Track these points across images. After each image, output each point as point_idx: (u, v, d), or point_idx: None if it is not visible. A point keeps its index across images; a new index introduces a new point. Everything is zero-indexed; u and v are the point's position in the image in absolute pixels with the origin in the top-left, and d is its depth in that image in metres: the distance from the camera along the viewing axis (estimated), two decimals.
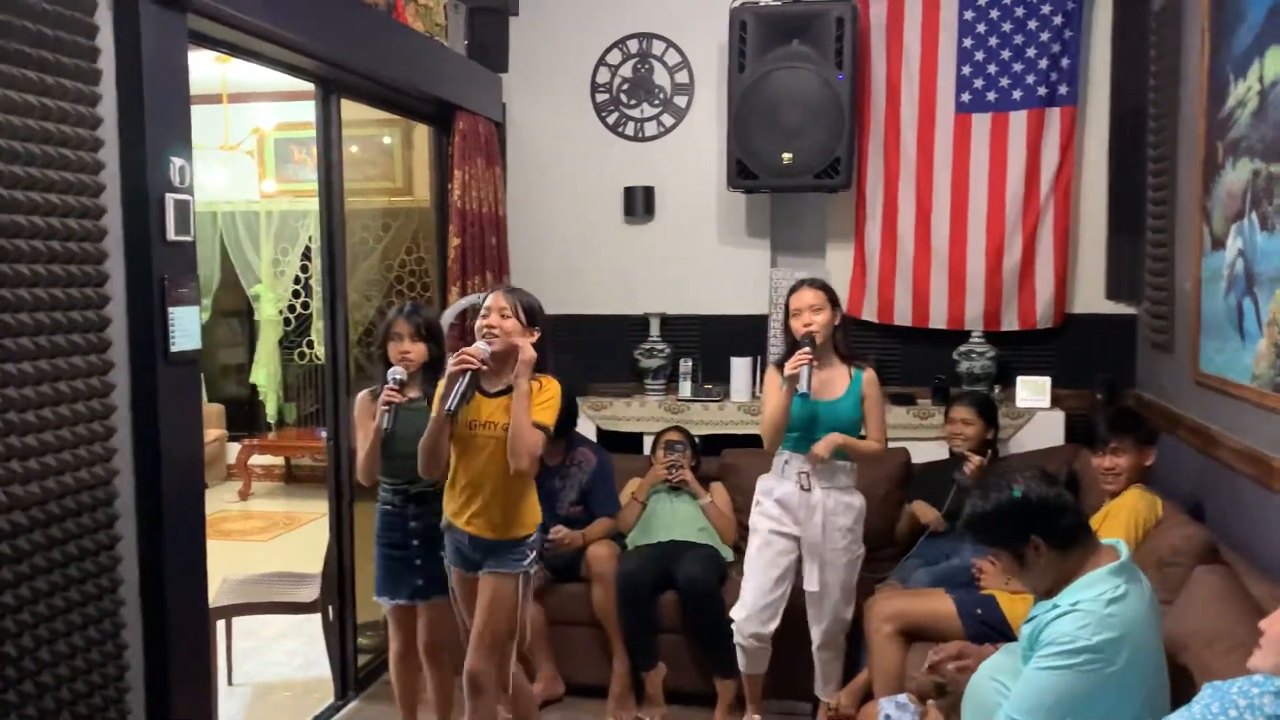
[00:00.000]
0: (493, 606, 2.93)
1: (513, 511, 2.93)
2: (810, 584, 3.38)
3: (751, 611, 3.39)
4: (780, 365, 3.32)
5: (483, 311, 2.93)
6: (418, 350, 3.14)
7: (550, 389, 2.94)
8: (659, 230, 4.89)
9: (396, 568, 3.19)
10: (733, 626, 3.44)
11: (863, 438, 3.39)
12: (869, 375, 3.37)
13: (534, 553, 2.99)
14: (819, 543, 3.34)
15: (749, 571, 3.43)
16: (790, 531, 3.36)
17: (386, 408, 3.03)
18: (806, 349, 3.22)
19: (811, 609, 3.42)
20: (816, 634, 3.44)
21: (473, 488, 2.91)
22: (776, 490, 3.39)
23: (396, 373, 3.07)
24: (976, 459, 3.67)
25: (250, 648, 4.34)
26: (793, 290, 3.36)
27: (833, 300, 3.34)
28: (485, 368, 2.81)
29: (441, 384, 2.85)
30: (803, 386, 3.17)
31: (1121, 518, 3.04)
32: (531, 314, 2.96)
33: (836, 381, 3.35)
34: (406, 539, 3.18)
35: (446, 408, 2.77)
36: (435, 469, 2.93)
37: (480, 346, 2.83)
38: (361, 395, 3.24)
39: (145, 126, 2.59)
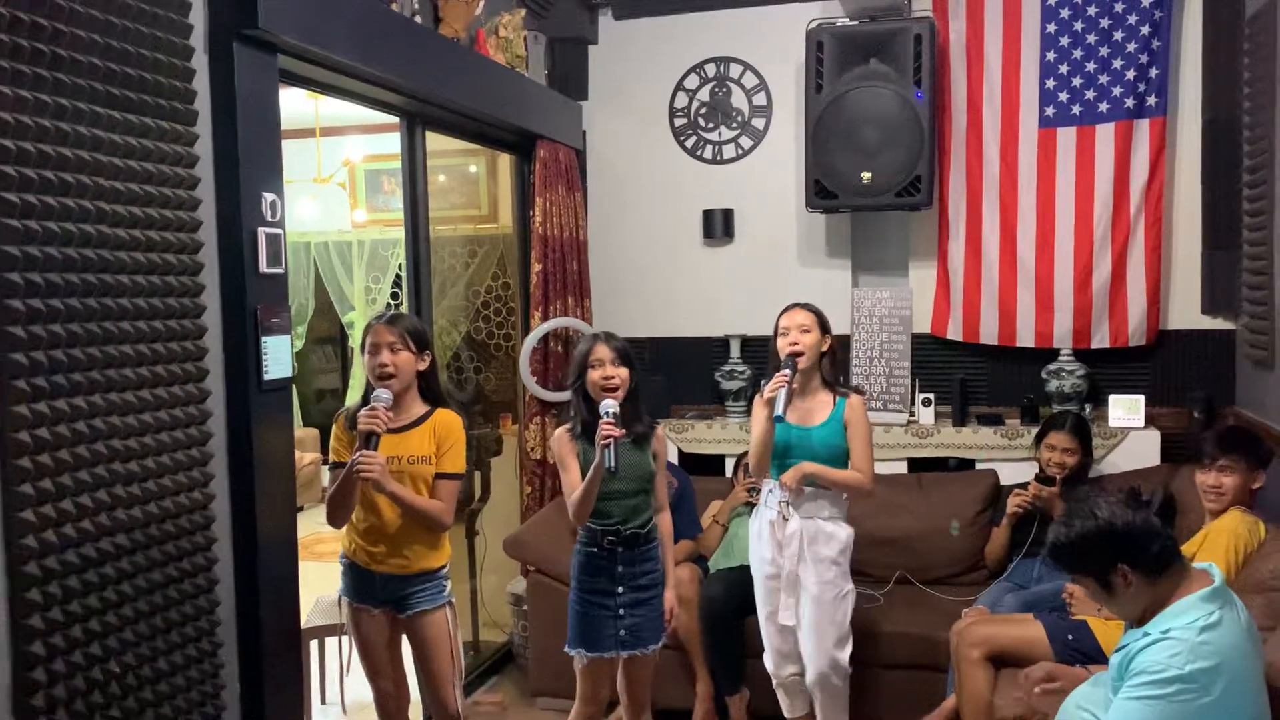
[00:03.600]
0: (435, 646, 2.92)
1: (422, 547, 2.89)
2: (785, 617, 3.26)
3: (777, 659, 3.36)
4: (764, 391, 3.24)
5: (368, 348, 2.84)
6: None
7: (452, 428, 2.91)
8: (738, 252, 4.90)
9: (601, 618, 2.97)
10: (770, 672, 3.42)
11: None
12: (852, 401, 3.27)
13: (449, 583, 2.96)
14: (794, 572, 3.24)
15: (761, 620, 3.39)
16: (779, 570, 3.27)
17: (607, 443, 2.76)
18: (785, 371, 3.14)
19: (802, 644, 3.29)
20: (809, 672, 3.28)
21: (380, 527, 2.86)
22: (762, 523, 3.32)
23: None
24: (1033, 488, 3.65)
25: (350, 659, 4.43)
26: (784, 311, 3.30)
27: (823, 324, 3.27)
28: (391, 417, 2.76)
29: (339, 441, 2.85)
30: (778, 409, 3.07)
31: (1221, 541, 2.95)
32: (420, 340, 2.90)
33: (817, 409, 3.27)
34: (614, 585, 2.96)
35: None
36: (343, 520, 2.88)
37: (382, 397, 2.75)
38: (561, 433, 3.00)
39: (239, 164, 2.70)
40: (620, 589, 2.96)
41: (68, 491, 2.19)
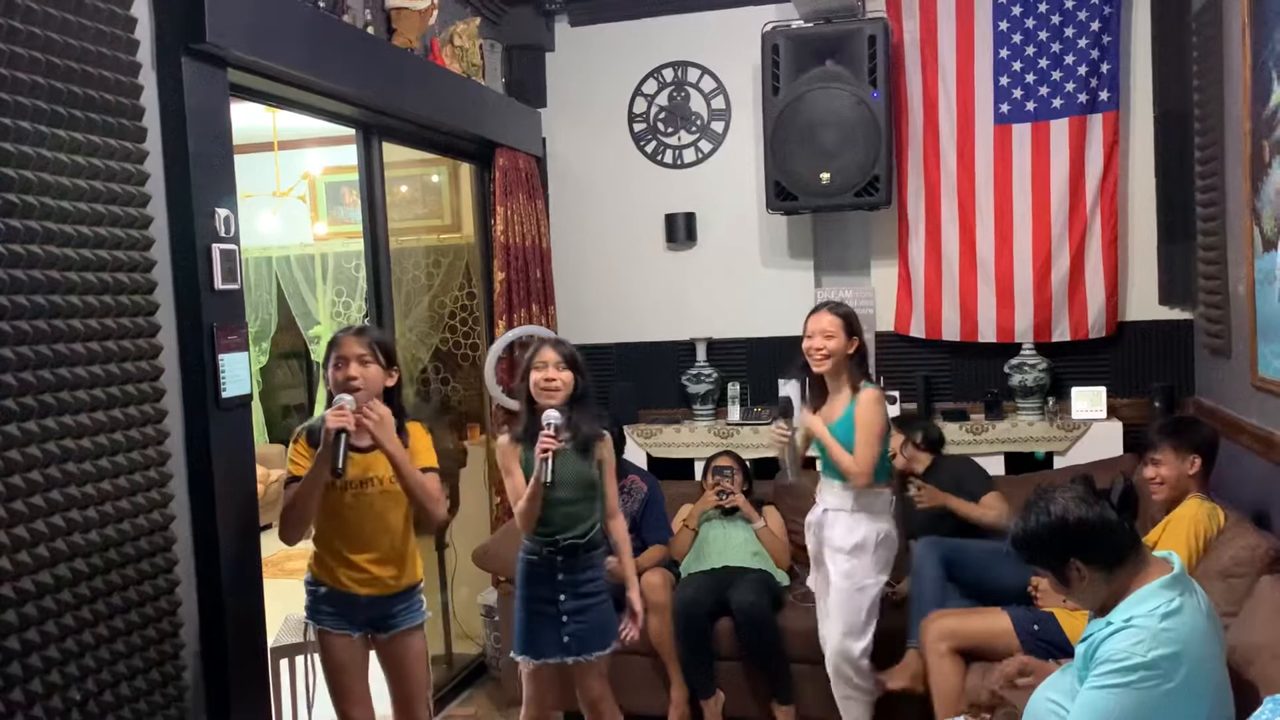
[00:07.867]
0: (415, 665, 2.90)
1: (409, 561, 2.87)
2: (811, 584, 3.51)
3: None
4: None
5: (335, 362, 2.73)
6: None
7: (419, 431, 2.88)
8: (702, 255, 4.91)
9: (544, 624, 2.97)
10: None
11: None
12: (863, 396, 3.24)
13: (424, 599, 2.96)
14: (816, 554, 3.39)
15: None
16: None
17: (544, 456, 2.79)
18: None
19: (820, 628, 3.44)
20: (826, 657, 3.37)
21: (367, 549, 2.78)
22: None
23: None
24: (922, 486, 3.69)
25: (314, 685, 4.39)
26: (811, 312, 3.32)
27: (850, 328, 3.25)
28: (354, 421, 2.63)
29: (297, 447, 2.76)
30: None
31: (1182, 529, 2.97)
32: (389, 354, 2.81)
33: (838, 407, 3.30)
34: (555, 592, 2.96)
35: (337, 471, 2.60)
36: (300, 534, 2.74)
37: (347, 399, 2.65)
38: (503, 441, 3.03)
39: (190, 180, 2.67)
40: (563, 596, 2.96)
41: (22, 517, 2.16)
